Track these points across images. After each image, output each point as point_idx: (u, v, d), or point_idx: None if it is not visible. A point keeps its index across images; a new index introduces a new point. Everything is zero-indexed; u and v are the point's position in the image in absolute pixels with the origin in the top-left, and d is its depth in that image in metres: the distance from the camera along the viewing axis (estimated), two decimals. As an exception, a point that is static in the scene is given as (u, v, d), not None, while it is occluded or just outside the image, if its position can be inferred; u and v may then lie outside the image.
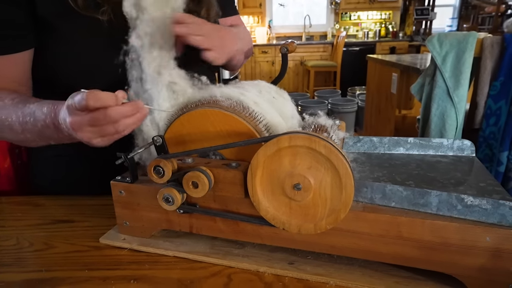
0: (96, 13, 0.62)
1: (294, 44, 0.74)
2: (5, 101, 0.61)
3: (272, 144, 0.46)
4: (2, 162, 0.86)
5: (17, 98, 0.61)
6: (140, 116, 0.51)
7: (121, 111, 0.48)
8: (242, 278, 0.52)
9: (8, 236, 0.64)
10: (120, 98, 0.49)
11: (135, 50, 0.59)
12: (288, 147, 0.46)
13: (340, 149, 0.45)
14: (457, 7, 6.18)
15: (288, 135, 0.45)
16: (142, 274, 0.53)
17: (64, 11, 0.62)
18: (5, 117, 0.59)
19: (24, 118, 0.58)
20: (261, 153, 0.47)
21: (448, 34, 1.43)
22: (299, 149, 0.46)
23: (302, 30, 6.03)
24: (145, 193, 0.57)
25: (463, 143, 0.64)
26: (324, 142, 0.44)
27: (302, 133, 0.45)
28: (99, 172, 0.68)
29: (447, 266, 0.47)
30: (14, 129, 0.59)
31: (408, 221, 0.46)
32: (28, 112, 0.58)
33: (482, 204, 0.44)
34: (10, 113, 0.59)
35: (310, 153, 0.45)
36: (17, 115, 0.58)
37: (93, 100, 0.46)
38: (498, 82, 1.34)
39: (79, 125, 0.49)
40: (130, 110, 0.49)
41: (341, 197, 0.45)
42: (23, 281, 0.53)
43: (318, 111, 0.61)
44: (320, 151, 0.44)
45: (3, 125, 0.60)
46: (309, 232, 0.48)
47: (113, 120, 0.48)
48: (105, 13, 0.63)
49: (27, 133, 0.59)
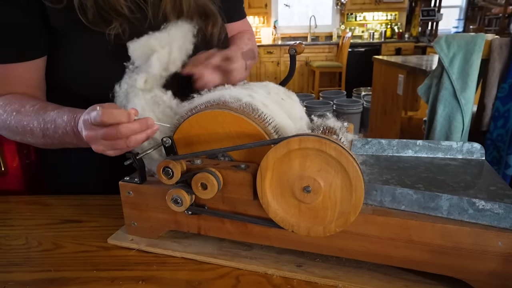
0: (105, 29, 0.64)
1: (302, 45, 0.74)
2: (26, 108, 0.64)
3: (282, 146, 0.46)
4: (10, 162, 0.86)
5: (37, 105, 0.64)
6: (150, 133, 0.54)
7: (132, 128, 0.51)
8: (250, 280, 0.52)
9: (17, 235, 0.65)
10: (132, 115, 0.52)
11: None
12: (298, 150, 0.46)
13: (350, 152, 0.45)
14: (463, 8, 6.14)
15: (298, 137, 0.45)
16: (150, 275, 0.53)
17: (75, 24, 0.64)
18: (26, 123, 0.62)
19: (45, 124, 0.61)
20: (271, 155, 0.47)
21: (456, 36, 1.42)
22: (309, 151, 0.45)
23: (307, 30, 6.01)
24: (154, 194, 0.57)
25: (472, 146, 0.64)
26: (335, 144, 0.44)
27: (312, 135, 0.45)
28: (107, 171, 0.68)
29: (457, 271, 0.46)
30: (35, 134, 0.63)
31: (418, 224, 0.46)
32: (49, 119, 0.61)
33: (494, 208, 0.43)
34: (32, 120, 0.62)
35: (320, 155, 0.45)
36: (39, 122, 0.62)
37: (107, 117, 0.50)
38: (506, 84, 1.33)
39: (94, 139, 0.53)
40: (140, 128, 0.52)
41: (351, 199, 0.45)
42: (32, 281, 0.53)
43: (326, 113, 0.61)
44: (330, 154, 0.44)
45: (25, 130, 0.63)
46: (318, 235, 0.48)
47: (124, 136, 0.51)
48: (113, 29, 0.64)
49: (47, 138, 0.62)
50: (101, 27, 0.64)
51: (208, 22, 0.74)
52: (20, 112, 0.63)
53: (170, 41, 0.63)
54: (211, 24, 0.74)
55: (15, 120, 0.63)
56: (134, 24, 0.67)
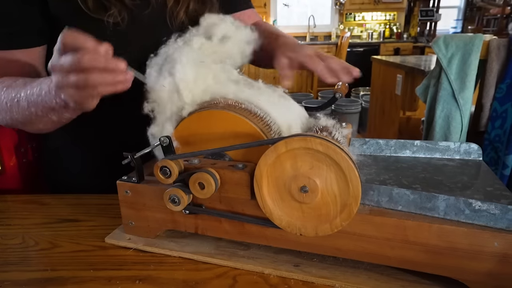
0: (104, 16, 0.63)
1: (346, 85, 0.72)
2: (18, 81, 0.61)
3: (271, 151, 0.46)
4: (7, 161, 0.86)
5: (29, 80, 0.61)
6: (120, 78, 0.46)
7: (96, 60, 0.43)
8: (247, 280, 0.52)
9: (14, 234, 0.65)
10: (103, 49, 0.44)
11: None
12: (286, 152, 0.46)
13: (339, 144, 0.44)
14: (462, 8, 6.15)
15: (284, 140, 0.45)
16: (147, 275, 0.53)
17: (74, 12, 0.63)
18: (14, 95, 0.59)
19: (31, 89, 0.57)
20: (262, 163, 0.47)
21: (454, 36, 1.42)
22: (297, 152, 0.45)
23: (306, 30, 6.01)
24: (151, 193, 0.57)
25: (470, 147, 0.64)
26: (320, 139, 0.44)
27: (297, 135, 0.45)
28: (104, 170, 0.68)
29: (453, 271, 0.46)
30: (21, 106, 0.58)
31: (415, 225, 0.46)
32: (35, 84, 0.57)
33: (490, 209, 0.44)
34: (20, 91, 0.59)
35: (308, 153, 0.45)
36: (25, 90, 0.57)
37: (69, 38, 0.43)
38: (504, 85, 1.34)
39: (58, 69, 0.46)
40: (108, 64, 0.44)
41: (349, 190, 0.45)
42: (28, 280, 0.53)
43: (317, 114, 0.61)
44: (318, 149, 0.44)
45: (12, 104, 0.59)
46: (326, 233, 0.48)
47: (85, 67, 0.43)
48: (111, 16, 0.63)
49: (31, 107, 0.57)
50: (101, 14, 0.63)
51: (205, 7, 0.74)
52: (11, 86, 0.60)
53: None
54: (207, 9, 0.74)
55: (5, 95, 0.60)
56: (133, 11, 0.66)
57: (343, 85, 0.70)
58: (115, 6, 0.63)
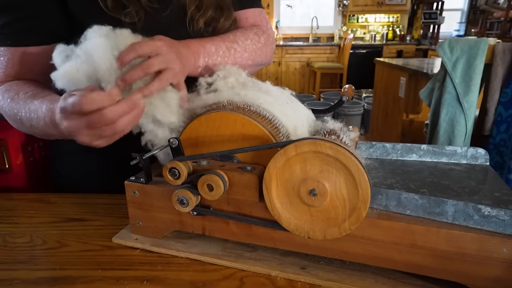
0: (121, 15, 0.64)
1: (353, 88, 0.72)
2: (20, 95, 0.62)
3: (280, 155, 0.46)
4: (14, 159, 0.86)
5: (30, 92, 0.62)
6: (138, 112, 0.48)
7: (117, 110, 0.46)
8: (254, 282, 0.52)
9: (22, 233, 0.65)
10: (114, 96, 0.46)
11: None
12: (296, 155, 0.46)
13: (348, 148, 0.45)
14: (465, 11, 6.15)
15: (294, 143, 0.45)
16: (154, 275, 0.54)
17: (93, 11, 0.63)
18: (17, 111, 0.60)
19: (30, 114, 0.58)
20: (272, 166, 0.47)
21: (459, 40, 1.42)
22: (307, 155, 0.46)
23: (309, 31, 6.02)
24: (159, 194, 0.58)
25: (477, 152, 0.64)
26: (330, 143, 0.44)
27: (307, 139, 0.45)
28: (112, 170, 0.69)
29: (461, 276, 0.47)
30: (24, 123, 0.60)
31: (423, 229, 0.46)
32: (33, 109, 0.58)
33: (499, 215, 0.44)
34: (21, 109, 0.60)
35: (318, 157, 0.45)
36: (25, 111, 0.59)
37: (87, 104, 0.44)
38: (509, 89, 1.34)
39: (77, 129, 0.48)
40: (127, 108, 0.47)
41: (358, 194, 0.45)
42: (37, 279, 0.53)
43: (324, 117, 0.61)
44: (327, 153, 0.44)
45: (15, 119, 0.61)
46: (334, 236, 0.48)
47: (111, 121, 0.46)
48: (128, 15, 0.64)
49: (35, 129, 0.60)
50: (118, 13, 0.63)
51: (222, 15, 0.74)
52: (13, 100, 0.61)
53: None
54: (224, 17, 0.74)
55: (9, 108, 0.61)
56: (150, 13, 0.66)
57: (349, 88, 0.71)
58: (133, 5, 0.64)
